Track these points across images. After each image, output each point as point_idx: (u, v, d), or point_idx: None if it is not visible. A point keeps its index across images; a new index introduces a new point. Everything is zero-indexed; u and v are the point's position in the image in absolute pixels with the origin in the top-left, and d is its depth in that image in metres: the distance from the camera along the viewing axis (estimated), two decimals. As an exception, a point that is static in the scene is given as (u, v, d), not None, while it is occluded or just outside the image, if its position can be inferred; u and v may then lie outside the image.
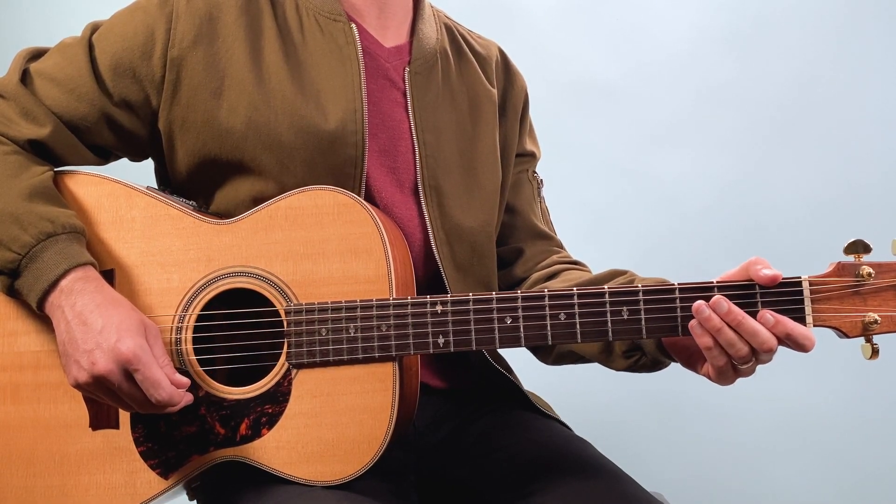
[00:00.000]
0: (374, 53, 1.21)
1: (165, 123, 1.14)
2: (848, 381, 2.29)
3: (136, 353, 0.97)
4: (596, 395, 2.25)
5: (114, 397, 1.01)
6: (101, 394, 1.01)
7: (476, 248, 1.23)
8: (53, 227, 1.04)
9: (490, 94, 1.30)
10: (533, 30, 2.45)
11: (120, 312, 1.01)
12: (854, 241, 0.99)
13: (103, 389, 1.00)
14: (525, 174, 1.36)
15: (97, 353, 0.98)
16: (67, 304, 1.01)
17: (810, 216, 2.33)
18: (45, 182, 1.08)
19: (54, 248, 1.03)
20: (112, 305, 1.01)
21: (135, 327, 1.00)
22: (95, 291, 1.02)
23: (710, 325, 0.97)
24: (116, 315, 1.00)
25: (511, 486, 1.10)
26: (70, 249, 1.03)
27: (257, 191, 1.11)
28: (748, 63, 2.40)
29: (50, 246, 1.03)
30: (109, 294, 1.03)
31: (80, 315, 1.00)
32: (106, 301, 1.01)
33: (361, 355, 1.03)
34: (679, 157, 2.40)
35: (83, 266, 1.03)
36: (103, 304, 1.01)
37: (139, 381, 0.98)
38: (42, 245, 1.03)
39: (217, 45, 1.13)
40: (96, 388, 1.00)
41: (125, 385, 0.99)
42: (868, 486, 2.30)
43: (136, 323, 1.01)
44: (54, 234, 1.03)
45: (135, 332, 0.99)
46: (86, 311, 1.00)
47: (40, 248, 1.03)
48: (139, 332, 1.00)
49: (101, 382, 0.99)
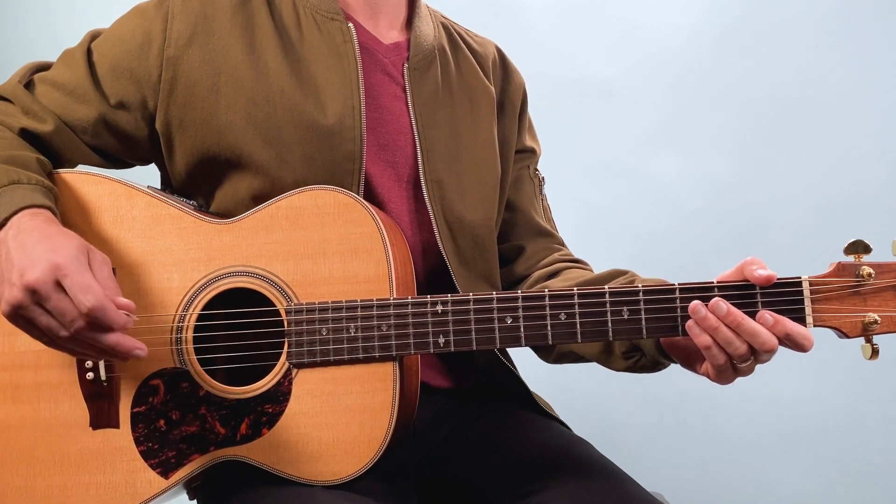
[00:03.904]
0: (372, 50, 1.21)
1: (163, 123, 1.14)
2: (848, 382, 2.29)
3: (68, 262, 0.92)
4: (596, 395, 2.25)
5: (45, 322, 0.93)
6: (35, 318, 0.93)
7: (478, 242, 1.23)
8: (19, 177, 1.02)
9: (488, 90, 1.31)
10: (532, 29, 2.45)
11: (64, 238, 0.96)
12: (854, 241, 0.99)
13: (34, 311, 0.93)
14: (526, 171, 1.37)
15: (28, 268, 0.92)
16: (12, 236, 0.97)
17: (810, 216, 2.33)
18: (27, 159, 1.06)
19: (13, 193, 1.00)
20: (58, 235, 0.96)
21: (75, 248, 0.95)
22: (45, 224, 0.97)
23: (707, 324, 0.97)
24: (60, 239, 0.95)
25: (511, 486, 1.10)
26: (29, 195, 1.00)
27: (256, 188, 1.12)
28: (747, 63, 2.40)
29: (10, 191, 1.01)
30: (58, 228, 0.98)
31: (22, 244, 0.95)
32: (52, 232, 0.97)
33: (362, 355, 1.03)
34: (678, 157, 2.41)
35: (38, 207, 1.00)
36: (48, 234, 0.96)
37: (67, 287, 0.91)
38: (3, 190, 1.01)
39: (213, 42, 1.14)
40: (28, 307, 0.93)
41: (53, 296, 0.91)
42: (868, 486, 2.30)
43: (78, 245, 0.96)
44: (18, 181, 1.02)
45: (74, 250, 0.94)
46: (29, 240, 0.95)
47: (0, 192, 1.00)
48: (80, 251, 0.95)
49: (32, 298, 0.92)
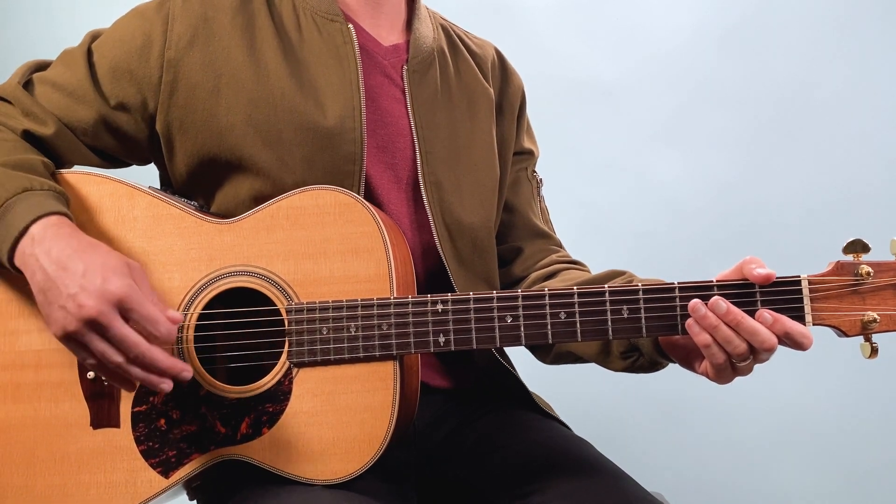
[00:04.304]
0: (371, 51, 1.21)
1: (163, 126, 1.14)
2: (847, 381, 2.29)
3: (128, 292, 0.92)
4: (596, 395, 2.25)
5: (100, 349, 0.94)
6: (90, 343, 0.94)
7: (477, 244, 1.23)
8: (31, 183, 1.02)
9: (487, 92, 1.31)
10: (531, 29, 2.45)
11: (101, 254, 0.96)
12: (853, 240, 1.00)
13: (91, 338, 0.93)
14: (524, 173, 1.37)
15: (82, 296, 0.92)
16: (41, 251, 0.96)
17: (809, 215, 2.33)
18: (34, 163, 1.06)
19: (28, 201, 1.00)
20: (91, 248, 0.97)
21: (120, 267, 0.95)
22: (70, 237, 0.97)
23: (706, 322, 0.98)
24: (98, 256, 0.95)
25: (511, 486, 1.10)
26: (44, 202, 1.00)
27: (257, 190, 1.12)
28: (747, 63, 2.40)
29: (24, 199, 1.00)
30: (86, 239, 0.98)
31: (57, 261, 0.95)
32: (83, 245, 0.97)
33: (362, 354, 1.03)
34: (678, 157, 2.41)
35: (56, 214, 0.99)
36: (80, 249, 0.96)
37: (136, 319, 0.92)
38: (17, 198, 1.00)
39: (213, 45, 1.14)
40: (85, 335, 0.93)
41: (117, 327, 0.92)
42: (867, 486, 2.30)
43: (120, 263, 0.96)
44: (31, 188, 1.01)
45: (121, 272, 0.95)
46: (63, 256, 0.95)
47: (14, 201, 1.00)
48: (124, 271, 0.95)
49: (91, 327, 0.93)
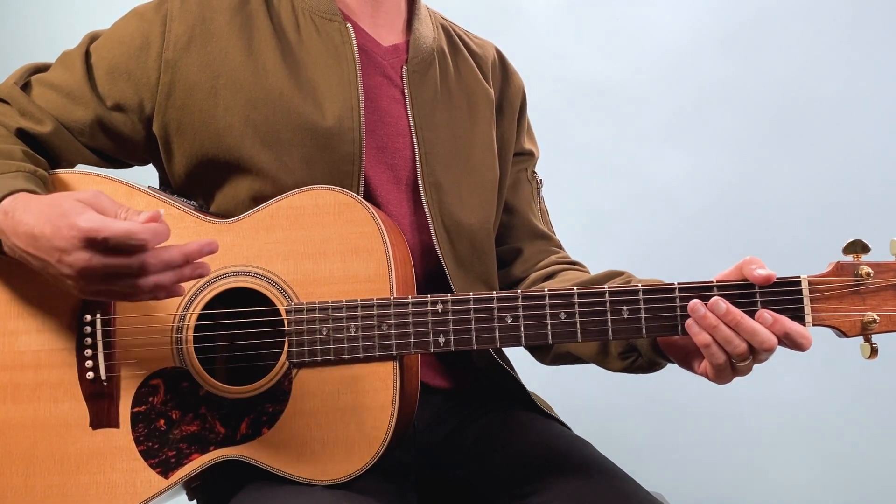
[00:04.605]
0: (370, 52, 1.21)
1: (161, 127, 1.14)
2: (847, 381, 2.29)
3: (89, 226, 0.92)
4: (596, 395, 2.25)
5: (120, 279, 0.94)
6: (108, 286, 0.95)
7: (476, 245, 1.23)
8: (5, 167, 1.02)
9: (487, 92, 1.31)
10: (532, 30, 2.45)
11: (53, 209, 0.95)
12: (853, 240, 1.00)
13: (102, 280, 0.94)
14: (524, 174, 1.37)
15: (66, 258, 0.93)
16: (15, 239, 0.97)
17: (809, 216, 2.34)
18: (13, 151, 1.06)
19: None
20: (42, 211, 0.96)
21: (71, 209, 0.94)
22: (24, 211, 0.97)
23: (706, 322, 0.98)
24: (52, 213, 0.95)
25: (511, 486, 1.10)
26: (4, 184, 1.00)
27: (256, 190, 1.11)
28: (747, 63, 2.40)
29: None
30: (36, 204, 0.97)
31: (28, 240, 0.96)
32: (36, 213, 0.96)
33: (362, 354, 1.03)
34: (678, 158, 2.41)
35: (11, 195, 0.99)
36: (36, 217, 0.95)
37: (113, 244, 0.92)
38: None
39: (211, 45, 1.14)
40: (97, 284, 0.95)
41: (111, 260, 0.92)
42: (867, 486, 2.30)
43: (70, 205, 0.95)
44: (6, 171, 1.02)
45: (74, 212, 0.93)
46: (28, 233, 0.95)
47: None
48: (77, 209, 0.94)
49: (92, 276, 0.94)
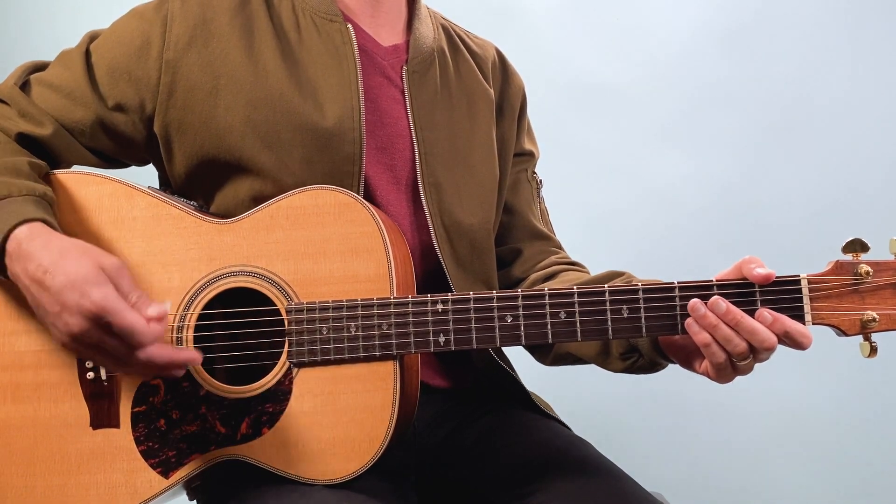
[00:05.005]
0: (371, 52, 1.21)
1: (161, 127, 1.14)
2: (847, 380, 2.29)
3: (103, 305, 0.93)
4: (596, 395, 2.25)
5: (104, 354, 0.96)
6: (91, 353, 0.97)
7: (476, 245, 1.23)
8: (10, 189, 1.01)
9: (487, 93, 1.31)
10: (532, 30, 2.46)
11: (73, 263, 0.95)
12: (852, 239, 1.00)
13: (89, 347, 0.96)
14: (524, 174, 1.37)
15: (66, 316, 0.94)
16: (20, 269, 0.97)
17: (809, 215, 2.34)
18: (20, 165, 1.06)
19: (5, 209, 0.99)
20: (62, 258, 0.96)
21: (94, 275, 0.95)
22: (42, 248, 0.97)
23: (706, 322, 0.98)
24: (71, 267, 0.95)
25: (511, 486, 1.10)
26: (19, 209, 0.99)
27: (256, 190, 1.12)
28: (747, 63, 2.40)
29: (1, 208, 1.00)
30: (57, 245, 0.98)
31: (35, 279, 0.96)
32: (55, 256, 0.96)
33: (362, 354, 1.03)
34: (678, 158, 2.41)
35: (27, 223, 0.98)
36: (54, 261, 0.96)
37: (117, 332, 0.93)
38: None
39: (212, 46, 1.14)
40: (83, 347, 0.96)
41: (107, 339, 0.94)
42: (867, 485, 2.30)
43: (93, 269, 0.95)
44: (8, 196, 1.01)
45: (94, 282, 0.94)
46: (38, 273, 0.95)
47: None
48: (99, 279, 0.95)
49: (83, 341, 0.95)
